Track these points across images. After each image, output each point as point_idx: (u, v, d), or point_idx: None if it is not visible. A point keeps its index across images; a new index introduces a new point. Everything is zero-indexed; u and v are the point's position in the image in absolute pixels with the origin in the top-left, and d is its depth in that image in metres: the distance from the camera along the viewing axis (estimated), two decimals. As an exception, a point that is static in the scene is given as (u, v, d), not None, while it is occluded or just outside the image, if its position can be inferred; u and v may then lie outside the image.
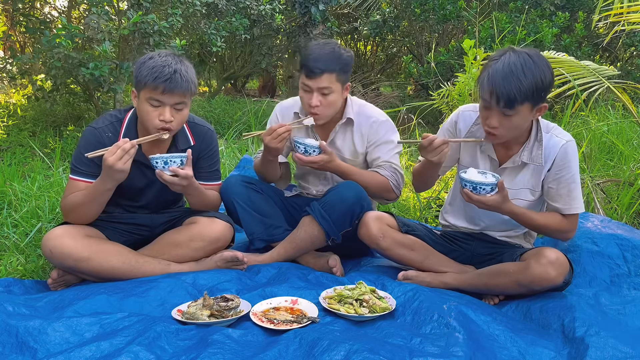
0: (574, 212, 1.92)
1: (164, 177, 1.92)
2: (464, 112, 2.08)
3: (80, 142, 2.02)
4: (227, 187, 2.27)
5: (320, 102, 2.15)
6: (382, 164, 2.29)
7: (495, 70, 1.75)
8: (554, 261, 1.76)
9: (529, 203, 2.00)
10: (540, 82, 1.73)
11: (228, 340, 1.49)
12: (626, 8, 2.98)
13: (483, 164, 2.03)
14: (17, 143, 4.31)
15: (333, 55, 2.14)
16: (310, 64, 2.11)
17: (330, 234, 2.16)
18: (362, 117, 2.31)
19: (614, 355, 1.48)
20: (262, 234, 2.27)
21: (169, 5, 4.43)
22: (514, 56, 1.76)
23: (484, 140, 1.93)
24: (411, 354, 1.43)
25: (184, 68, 1.93)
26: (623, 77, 4.94)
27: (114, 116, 2.08)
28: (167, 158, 1.90)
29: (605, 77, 3.01)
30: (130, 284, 1.88)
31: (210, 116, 6.30)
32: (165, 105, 1.92)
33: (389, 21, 7.49)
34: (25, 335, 1.48)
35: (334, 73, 2.13)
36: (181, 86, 1.90)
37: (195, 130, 2.16)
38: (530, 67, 1.73)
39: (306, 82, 2.15)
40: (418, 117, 4.39)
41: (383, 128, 2.31)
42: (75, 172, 2.01)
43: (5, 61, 4.40)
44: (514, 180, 1.98)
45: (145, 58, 1.95)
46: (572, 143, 1.91)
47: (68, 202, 1.98)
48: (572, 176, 1.90)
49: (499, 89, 1.73)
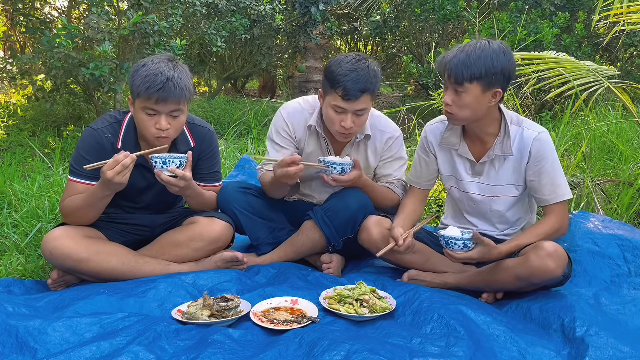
0: (560, 200, 1.93)
1: (161, 176, 1.90)
2: (431, 126, 2.15)
3: (79, 144, 2.01)
4: (225, 195, 2.23)
5: (354, 123, 2.04)
6: (394, 182, 2.28)
7: (453, 50, 1.86)
8: (552, 253, 1.77)
9: (515, 198, 2.03)
10: (490, 65, 1.80)
11: (228, 340, 1.49)
12: (626, 8, 2.97)
13: (463, 166, 2.07)
14: (17, 143, 4.31)
15: (370, 74, 1.99)
16: (350, 86, 1.95)
17: (331, 240, 2.16)
18: (377, 131, 2.24)
19: (614, 355, 1.48)
20: (268, 238, 2.26)
21: (169, 5, 4.43)
22: (478, 41, 1.84)
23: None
24: (411, 354, 1.43)
25: (177, 75, 1.88)
26: (623, 77, 4.94)
27: (114, 117, 2.07)
28: (166, 158, 1.89)
29: (605, 77, 3.01)
30: (130, 284, 1.88)
31: (210, 116, 6.29)
32: (160, 114, 1.89)
33: (389, 21, 7.49)
34: (25, 335, 1.48)
35: (370, 94, 2.02)
36: (175, 94, 1.86)
37: (195, 132, 2.15)
38: (485, 50, 1.81)
39: (341, 104, 1.99)
40: (418, 117, 4.39)
41: (397, 144, 2.28)
42: (74, 173, 2.00)
43: (5, 61, 4.40)
44: (497, 176, 2.01)
45: (138, 66, 1.91)
46: (544, 134, 1.94)
47: (67, 205, 1.98)
48: (551, 165, 1.93)
49: (450, 65, 1.84)
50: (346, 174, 2.04)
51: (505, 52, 1.83)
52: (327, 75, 2.03)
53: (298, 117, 2.24)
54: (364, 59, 2.03)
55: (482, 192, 2.05)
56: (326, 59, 9.47)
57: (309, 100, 2.29)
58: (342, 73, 1.97)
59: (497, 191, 2.02)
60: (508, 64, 1.83)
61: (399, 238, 1.91)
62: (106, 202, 1.97)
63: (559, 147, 3.11)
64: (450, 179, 2.13)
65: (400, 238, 1.91)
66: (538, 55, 3.26)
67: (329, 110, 2.05)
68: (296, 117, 2.24)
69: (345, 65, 1.99)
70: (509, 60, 1.84)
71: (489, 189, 2.04)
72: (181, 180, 1.92)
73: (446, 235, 1.84)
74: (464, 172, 2.07)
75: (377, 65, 2.07)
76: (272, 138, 2.27)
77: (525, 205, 2.10)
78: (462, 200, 2.13)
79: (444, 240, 1.84)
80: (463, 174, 2.07)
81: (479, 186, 2.05)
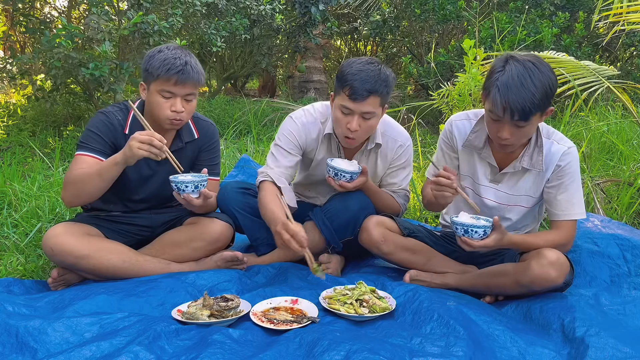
0: (571, 218, 1.90)
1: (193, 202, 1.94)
2: (457, 122, 2.06)
3: (89, 125, 2.03)
4: (224, 196, 2.23)
5: (360, 126, 2.00)
6: (398, 191, 2.27)
7: (505, 85, 1.70)
8: (555, 262, 1.76)
9: (527, 209, 2.00)
10: (550, 90, 1.71)
11: (228, 340, 1.49)
12: (626, 8, 2.97)
13: (483, 170, 2.01)
14: (17, 143, 4.31)
15: (380, 77, 1.95)
16: (357, 85, 1.93)
17: (331, 242, 2.15)
18: (389, 140, 2.22)
19: (614, 355, 1.48)
20: (267, 238, 2.24)
21: (169, 5, 4.43)
22: (519, 66, 1.71)
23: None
24: (411, 354, 1.43)
25: (193, 60, 1.99)
26: (623, 77, 4.94)
27: (123, 104, 2.12)
28: (185, 182, 1.91)
29: (605, 77, 3.01)
30: (130, 284, 1.88)
31: (210, 116, 6.29)
32: (176, 97, 1.96)
33: (389, 21, 7.50)
34: (25, 335, 1.48)
35: (379, 96, 1.97)
36: (192, 77, 1.95)
37: (199, 125, 2.20)
38: (539, 77, 1.70)
39: (348, 104, 1.97)
40: (418, 117, 4.39)
41: (406, 153, 2.25)
42: (83, 148, 1.99)
43: (5, 61, 4.41)
44: (515, 186, 1.97)
45: (154, 51, 1.99)
46: (573, 149, 1.90)
47: (72, 174, 1.94)
48: (572, 182, 1.89)
49: (513, 105, 1.69)
50: (354, 181, 2.04)
51: (551, 69, 1.74)
52: (338, 76, 2.03)
53: (311, 129, 2.20)
54: (376, 63, 2.01)
55: (498, 200, 2.01)
56: (326, 59, 9.47)
57: (318, 108, 2.24)
58: (351, 72, 1.96)
59: (513, 200, 1.97)
60: (557, 80, 1.76)
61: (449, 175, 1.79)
62: (112, 175, 1.92)
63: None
64: (467, 180, 2.07)
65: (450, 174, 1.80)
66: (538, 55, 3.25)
67: (337, 111, 2.03)
68: (310, 128, 2.19)
69: (356, 65, 1.98)
70: (555, 76, 1.76)
71: (505, 197, 1.99)
72: (201, 199, 1.95)
73: (466, 223, 1.75)
74: (483, 177, 2.01)
75: (390, 72, 2.02)
76: (280, 144, 2.18)
77: (534, 213, 2.08)
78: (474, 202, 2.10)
79: (463, 228, 1.75)
80: (482, 178, 2.02)
81: (496, 193, 2.00)
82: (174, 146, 2.11)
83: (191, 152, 2.18)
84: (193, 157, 2.19)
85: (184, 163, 2.08)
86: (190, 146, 2.17)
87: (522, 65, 1.71)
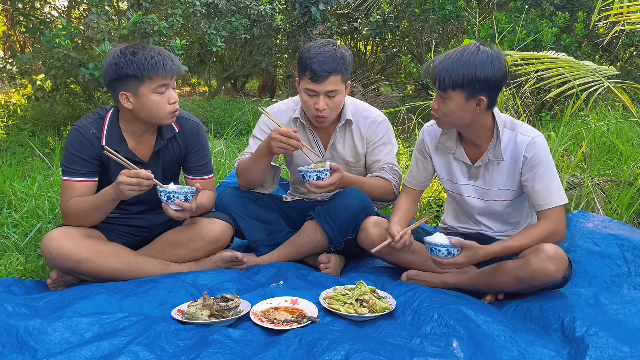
0: (553, 205, 1.90)
1: (168, 211, 1.92)
2: (428, 128, 2.14)
3: (67, 144, 2.00)
4: (222, 199, 2.26)
5: (327, 105, 2.11)
6: (384, 167, 2.29)
7: (441, 56, 1.84)
8: (553, 256, 1.76)
9: (510, 202, 2.03)
10: (474, 74, 1.77)
11: (228, 340, 1.49)
12: (626, 8, 2.97)
13: (459, 169, 2.06)
14: (17, 143, 4.31)
15: (336, 56, 2.08)
16: (316, 67, 2.05)
17: (334, 240, 2.16)
18: (360, 117, 2.29)
19: (614, 355, 1.48)
20: (266, 240, 2.27)
21: (169, 5, 4.43)
22: (468, 47, 1.82)
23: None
24: (411, 353, 1.43)
25: (163, 49, 1.99)
26: (623, 77, 4.94)
27: (96, 114, 2.08)
28: (171, 193, 1.89)
29: (605, 77, 3.01)
30: (130, 284, 1.88)
31: (210, 116, 6.30)
32: (169, 88, 1.97)
33: (389, 21, 7.49)
34: (25, 335, 1.48)
35: (339, 74, 2.09)
36: (177, 65, 1.96)
37: (181, 122, 2.14)
38: (470, 58, 1.78)
39: (311, 86, 2.09)
40: (418, 117, 4.39)
41: (382, 128, 2.30)
42: (68, 173, 1.99)
43: (5, 61, 4.41)
44: (492, 180, 2.01)
45: (126, 56, 1.91)
46: (539, 138, 1.92)
47: (70, 208, 1.96)
48: (546, 170, 1.90)
49: (435, 71, 1.83)
50: (325, 180, 2.05)
51: (492, 61, 1.79)
52: (298, 62, 2.15)
53: (283, 116, 2.32)
54: (331, 44, 2.13)
55: (479, 196, 2.05)
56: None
57: (292, 99, 2.39)
58: (309, 56, 2.08)
59: (493, 195, 2.02)
60: (494, 73, 1.79)
61: (395, 234, 1.91)
62: (112, 208, 1.97)
63: (559, 147, 3.11)
64: (446, 182, 2.13)
65: (397, 234, 1.90)
66: (538, 55, 3.26)
67: (304, 95, 2.15)
68: (282, 115, 2.32)
69: (313, 49, 2.10)
70: (496, 69, 1.79)
71: (485, 193, 2.04)
72: (187, 212, 1.95)
73: (431, 242, 1.81)
74: (460, 175, 2.07)
75: (347, 50, 2.16)
76: (255, 134, 2.35)
77: (525, 208, 2.09)
78: (460, 202, 2.13)
79: (429, 247, 1.82)
80: (459, 177, 2.07)
81: (476, 190, 2.05)
82: (157, 146, 2.09)
83: (177, 148, 2.14)
84: (180, 155, 2.16)
85: (170, 159, 2.13)
86: (173, 141, 2.13)
87: (470, 47, 1.82)
